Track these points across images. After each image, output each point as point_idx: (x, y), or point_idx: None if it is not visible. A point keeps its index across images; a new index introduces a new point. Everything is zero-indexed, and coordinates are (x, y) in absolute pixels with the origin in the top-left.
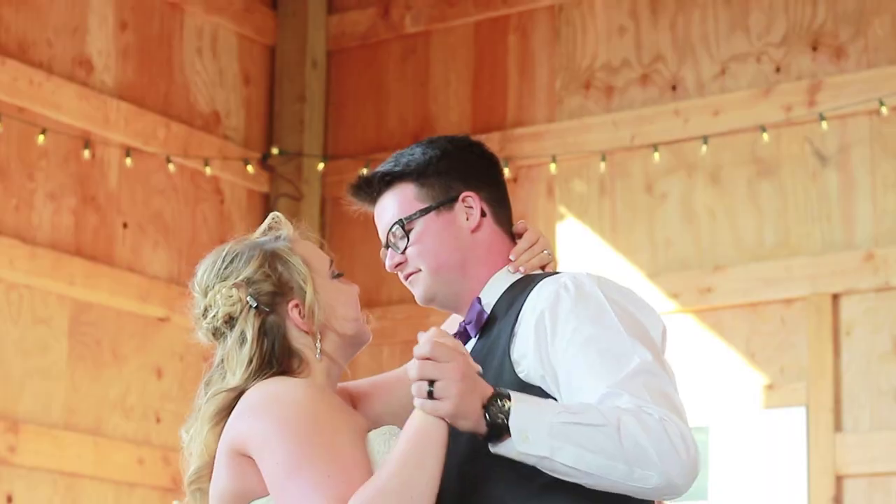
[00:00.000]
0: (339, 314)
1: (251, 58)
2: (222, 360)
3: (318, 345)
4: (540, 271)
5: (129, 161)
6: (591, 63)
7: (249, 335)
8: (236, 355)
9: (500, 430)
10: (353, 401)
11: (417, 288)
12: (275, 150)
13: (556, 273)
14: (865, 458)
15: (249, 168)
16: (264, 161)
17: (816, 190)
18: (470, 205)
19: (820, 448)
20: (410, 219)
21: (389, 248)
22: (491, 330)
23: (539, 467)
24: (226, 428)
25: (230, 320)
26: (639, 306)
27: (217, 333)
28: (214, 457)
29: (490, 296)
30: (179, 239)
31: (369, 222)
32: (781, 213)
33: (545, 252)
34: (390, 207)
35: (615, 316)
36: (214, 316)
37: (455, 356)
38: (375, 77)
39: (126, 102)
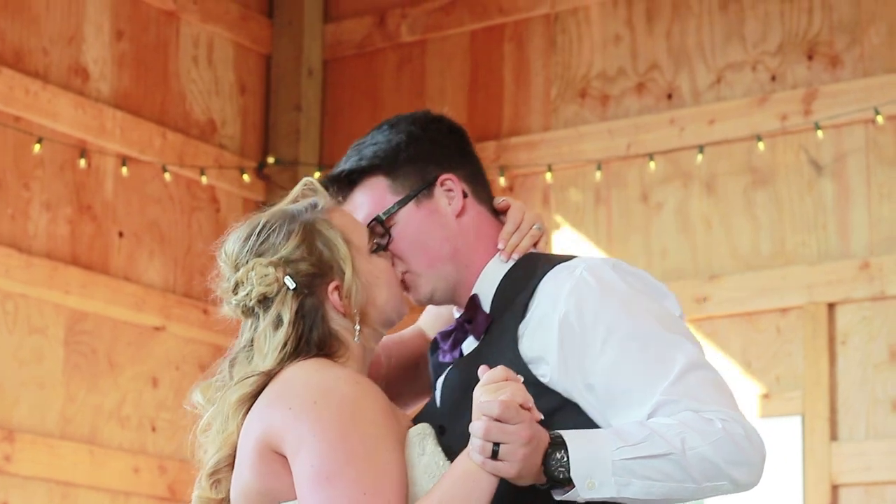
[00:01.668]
0: (379, 295)
1: (247, 67)
2: (251, 341)
3: (356, 328)
4: (535, 251)
5: (124, 170)
6: (587, 72)
7: (286, 319)
8: (270, 338)
9: (562, 483)
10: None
11: (413, 289)
12: (271, 159)
13: (564, 260)
14: (861, 466)
15: (245, 177)
16: (260, 170)
17: (812, 199)
18: (450, 188)
19: (816, 457)
20: (389, 213)
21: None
22: (493, 328)
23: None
24: (256, 414)
25: (264, 300)
26: (658, 291)
27: (248, 312)
28: (237, 444)
29: (485, 289)
30: (175, 248)
31: None
32: (777, 222)
33: (535, 227)
34: (364, 204)
35: (643, 308)
36: (248, 294)
37: (523, 416)
38: (371, 86)
39: (122, 111)
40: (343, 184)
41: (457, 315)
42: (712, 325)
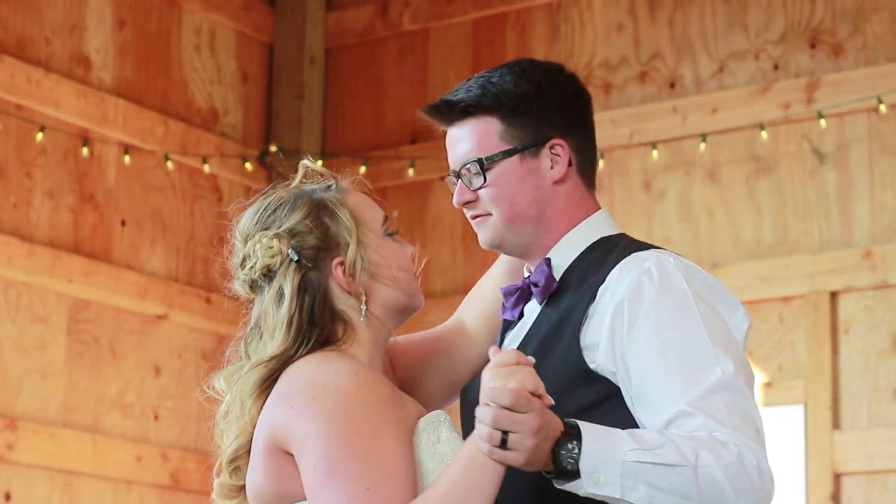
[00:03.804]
0: (388, 275)
1: (249, 55)
2: (259, 319)
3: (362, 307)
4: (620, 240)
5: (127, 158)
6: (590, 60)
7: (287, 291)
8: (274, 314)
9: (569, 474)
10: (406, 364)
11: (485, 232)
12: (273, 148)
13: (640, 250)
14: (863, 455)
15: (247, 166)
16: (262, 159)
17: (814, 188)
18: (558, 153)
19: (818, 446)
20: (492, 159)
21: (460, 182)
22: (560, 301)
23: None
24: (264, 413)
25: (268, 273)
26: (725, 302)
27: (254, 286)
28: (254, 431)
29: (561, 258)
30: (177, 236)
31: None
32: (779, 210)
33: None
34: (468, 138)
35: (700, 316)
36: (252, 267)
37: (534, 405)
38: (374, 75)
39: (124, 100)
40: (455, 110)
41: (525, 274)
42: None
